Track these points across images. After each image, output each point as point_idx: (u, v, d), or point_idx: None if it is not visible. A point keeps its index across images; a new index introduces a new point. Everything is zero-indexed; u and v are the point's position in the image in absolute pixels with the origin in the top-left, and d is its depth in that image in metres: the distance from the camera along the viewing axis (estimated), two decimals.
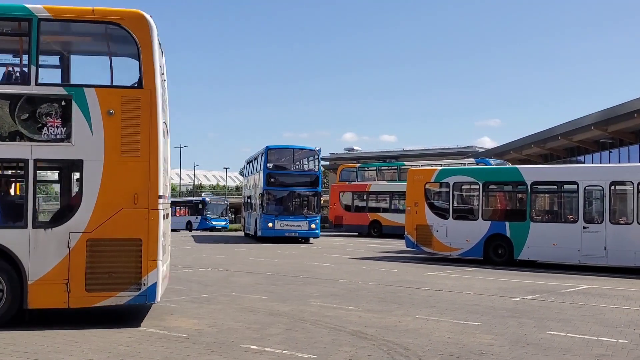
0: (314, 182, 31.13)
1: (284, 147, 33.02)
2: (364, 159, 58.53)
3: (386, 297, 12.65)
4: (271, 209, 30.71)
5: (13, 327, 8.89)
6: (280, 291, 13.25)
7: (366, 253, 24.72)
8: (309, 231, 30.90)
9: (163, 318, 9.90)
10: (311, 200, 31.32)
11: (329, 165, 72.39)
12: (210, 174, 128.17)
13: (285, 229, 30.49)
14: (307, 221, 30.72)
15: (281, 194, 31.15)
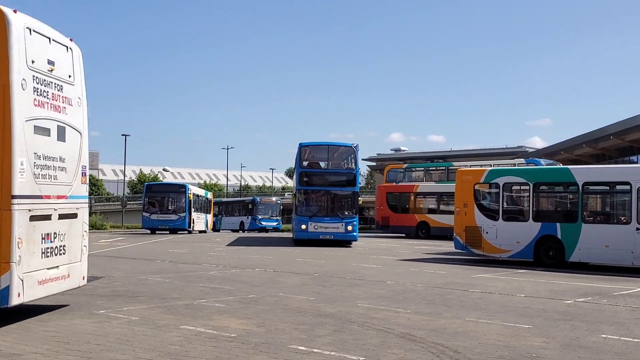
0: (350, 181, 29.39)
1: (318, 144, 31.08)
2: (411, 160, 58.13)
3: (435, 300, 12.57)
4: (305, 210, 29.37)
5: (65, 324, 9.13)
6: (327, 292, 13.28)
7: (414, 255, 24.59)
8: (345, 234, 28.95)
9: (212, 318, 10.03)
10: (348, 201, 29.53)
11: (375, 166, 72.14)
12: (256, 174, 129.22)
13: (320, 232, 28.88)
14: (344, 223, 28.90)
15: (315, 193, 29.78)
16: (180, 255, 23.10)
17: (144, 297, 12.12)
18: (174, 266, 18.61)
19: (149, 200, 43.88)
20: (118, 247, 27.51)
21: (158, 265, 19.00)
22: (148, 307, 10.91)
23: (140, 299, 11.96)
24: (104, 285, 13.84)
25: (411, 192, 39.72)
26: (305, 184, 29.41)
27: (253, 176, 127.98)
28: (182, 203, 43.40)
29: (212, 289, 13.57)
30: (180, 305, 11.18)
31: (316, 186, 29.62)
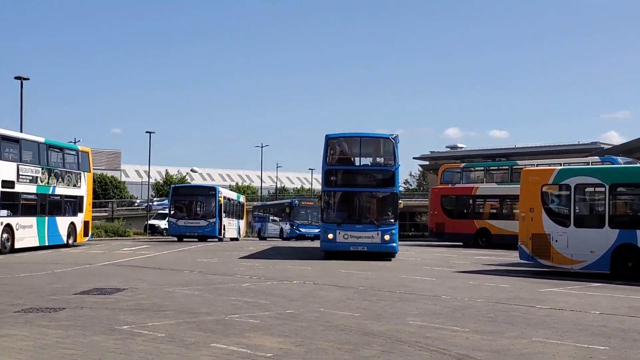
0: (388, 181, 26.62)
1: (349, 136, 28.23)
2: (470, 158, 57.74)
3: (497, 317, 12.47)
4: (332, 215, 26.93)
5: (84, 340, 9.30)
6: (374, 308, 13.27)
7: (472, 266, 24.42)
8: (381, 244, 26.19)
9: (245, 335, 10.11)
10: (386, 204, 26.95)
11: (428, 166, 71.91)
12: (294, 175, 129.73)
13: (350, 242, 26.23)
14: (379, 231, 25.99)
15: (345, 196, 27.34)
16: (209, 265, 23.33)
17: (171, 312, 12.28)
18: (203, 277, 18.81)
19: (176, 205, 44.29)
20: (142, 256, 27.92)
21: (186, 276, 19.22)
22: (175, 323, 11.05)
23: (166, 313, 12.12)
24: (126, 298, 14.07)
25: (469, 195, 39.46)
26: (332, 185, 27.11)
27: (290, 177, 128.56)
28: (211, 207, 43.72)
29: (245, 303, 13.68)
30: (210, 321, 11.30)
31: (346, 187, 27.25)
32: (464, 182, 40.97)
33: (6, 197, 27.78)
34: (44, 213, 31.23)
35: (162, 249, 33.21)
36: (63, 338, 9.69)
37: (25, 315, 11.69)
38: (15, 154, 28.91)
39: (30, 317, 11.49)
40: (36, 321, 11.10)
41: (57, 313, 12.00)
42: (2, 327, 10.51)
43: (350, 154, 28.64)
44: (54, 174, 32.11)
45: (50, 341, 9.47)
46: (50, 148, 32.49)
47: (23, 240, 29.07)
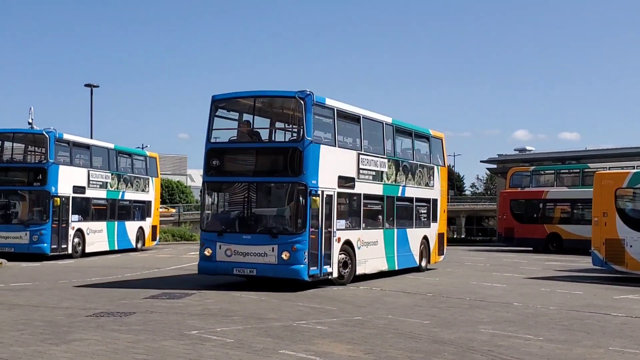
0: (292, 164, 17.01)
1: (240, 96, 18.76)
2: (539, 161, 56.62)
3: (571, 325, 12.19)
4: (212, 221, 18.15)
5: (155, 345, 9.43)
6: (444, 315, 13.12)
7: (544, 272, 23.98)
8: (278, 266, 16.69)
9: (314, 342, 10.10)
10: (286, 201, 17.54)
11: (496, 169, 70.95)
12: None
13: (234, 261, 17.05)
14: (276, 245, 16.65)
15: (231, 190, 18.25)
16: None
17: (239, 317, 12.37)
18: (270, 282, 18.85)
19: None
20: None
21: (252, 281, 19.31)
22: (243, 328, 11.12)
23: (234, 318, 12.22)
24: (195, 303, 14.23)
25: (539, 199, 38.73)
26: (214, 172, 18.04)
27: None
28: None
29: (311, 309, 13.69)
30: (278, 327, 11.33)
31: (232, 175, 18.13)
32: (533, 186, 40.24)
33: (77, 202, 28.44)
34: (114, 218, 31.85)
35: None
36: (134, 343, 9.85)
37: (97, 320, 11.93)
38: (86, 160, 29.62)
39: (101, 322, 11.71)
40: (107, 325, 11.31)
41: (127, 317, 12.20)
42: (74, 331, 10.75)
43: (244, 124, 18.88)
44: (123, 179, 32.74)
45: (121, 346, 9.63)
46: (120, 154, 33.14)
47: (94, 245, 29.68)
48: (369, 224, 20.00)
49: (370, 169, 19.62)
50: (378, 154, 20.29)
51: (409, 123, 23.12)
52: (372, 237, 19.83)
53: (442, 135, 25.67)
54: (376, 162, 20.03)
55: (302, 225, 16.61)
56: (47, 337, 10.17)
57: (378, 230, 20.42)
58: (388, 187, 20.72)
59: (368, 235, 19.59)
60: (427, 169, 23.63)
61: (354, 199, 19.24)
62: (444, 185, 25.39)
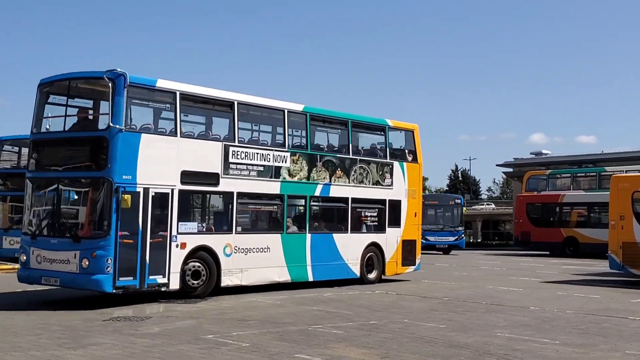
0: (96, 155, 14.77)
1: (59, 79, 15.97)
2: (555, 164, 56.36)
3: (588, 329, 12.15)
4: (28, 224, 15.65)
5: (171, 349, 9.49)
6: (460, 319, 13.11)
7: (560, 276, 23.89)
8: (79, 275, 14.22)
9: (329, 346, 10.12)
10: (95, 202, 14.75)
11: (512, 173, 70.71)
12: None
13: (43, 269, 14.80)
14: (78, 252, 14.25)
15: (44, 187, 15.61)
16: None
17: (254, 321, 12.41)
18: (286, 287, 18.89)
19: None
20: None
21: (268, 286, 19.33)
22: (259, 333, 11.16)
23: (250, 323, 12.26)
24: (211, 307, 14.30)
25: (556, 203, 38.60)
26: (33, 168, 15.82)
27: None
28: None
29: (327, 313, 13.72)
30: (293, 331, 11.36)
31: (46, 170, 15.68)
32: (549, 190, 40.12)
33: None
34: None
35: None
36: (150, 347, 9.91)
37: (114, 324, 12.01)
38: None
39: (118, 326, 11.79)
40: (124, 330, 11.38)
41: (144, 322, 12.28)
42: (91, 335, 10.83)
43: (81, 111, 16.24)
44: None
45: (138, 350, 9.70)
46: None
47: None
48: (253, 227, 18.06)
49: (251, 163, 17.01)
50: (276, 146, 17.95)
51: (347, 112, 20.28)
52: (257, 243, 17.18)
53: (415, 126, 22.04)
54: (265, 155, 17.40)
55: (107, 228, 14.03)
56: (64, 342, 10.25)
57: (271, 234, 17.78)
58: (293, 185, 17.99)
59: (249, 241, 17.00)
60: (379, 165, 20.48)
61: (221, 198, 16.99)
62: (415, 185, 21.66)
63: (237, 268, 16.62)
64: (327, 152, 19.41)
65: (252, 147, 17.22)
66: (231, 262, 16.46)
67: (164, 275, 14.96)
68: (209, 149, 16.35)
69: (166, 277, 14.97)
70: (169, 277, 15.02)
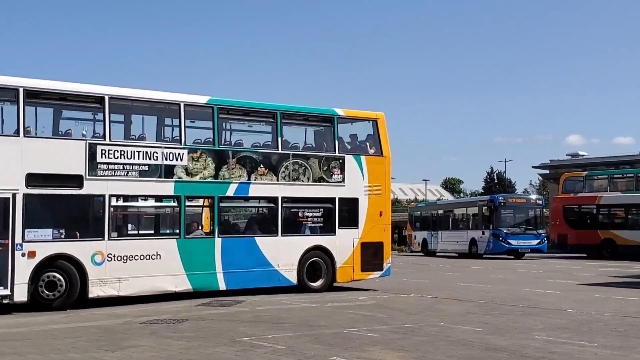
0: None
1: None
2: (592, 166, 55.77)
3: (627, 331, 11.99)
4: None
5: (207, 351, 9.58)
6: (496, 322, 13.03)
7: (598, 278, 23.60)
8: None
9: (364, 349, 10.13)
10: None
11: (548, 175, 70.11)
12: (406, 187, 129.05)
13: None
14: None
15: None
16: None
17: (289, 324, 12.47)
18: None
19: None
20: None
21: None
22: (294, 335, 11.21)
23: (285, 325, 12.31)
24: (245, 310, 14.40)
25: (593, 205, 38.18)
26: None
27: (403, 189, 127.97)
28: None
29: (362, 316, 13.72)
30: (328, 334, 11.39)
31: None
32: (586, 191, 39.68)
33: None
34: None
35: None
36: (186, 349, 10.01)
37: (151, 327, 12.15)
38: None
39: (155, 329, 11.93)
40: (161, 332, 11.52)
41: (180, 324, 12.41)
42: (129, 338, 10.97)
43: None
44: None
45: (174, 352, 9.80)
46: None
47: None
48: (136, 232, 16.87)
49: (129, 162, 15.64)
50: (170, 142, 16.69)
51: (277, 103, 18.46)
52: (142, 250, 15.79)
53: (379, 115, 19.66)
54: (151, 153, 15.98)
55: None
56: (102, 344, 10.40)
57: (163, 240, 16.47)
58: (193, 185, 16.51)
59: (130, 247, 15.65)
60: (323, 160, 18.48)
61: (88, 202, 15.49)
62: (379, 180, 19.37)
63: (113, 277, 15.20)
64: (244, 148, 17.59)
65: (130, 145, 15.82)
66: (103, 271, 15.07)
67: (5, 286, 14.03)
68: (67, 149, 15.00)
69: (8, 288, 13.99)
70: (13, 289, 14.01)
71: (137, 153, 15.73)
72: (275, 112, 17.86)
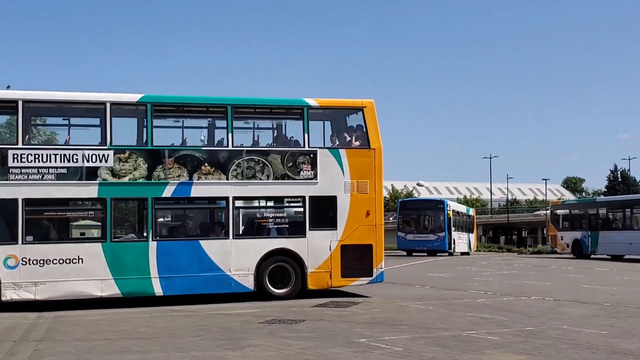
0: None
1: None
2: None
3: None
4: None
5: (325, 352, 9.68)
6: (622, 325, 12.57)
7: None
8: None
9: (485, 352, 9.99)
10: None
11: None
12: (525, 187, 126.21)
13: None
14: None
15: None
16: (441, 280, 23.35)
17: (406, 326, 12.43)
18: (436, 292, 18.83)
19: (404, 219, 44.92)
20: None
21: (418, 290, 19.36)
22: (411, 338, 11.17)
23: (402, 327, 12.29)
24: (362, 312, 14.45)
25: None
26: None
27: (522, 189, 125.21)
28: (440, 221, 43.81)
29: (481, 319, 13.52)
30: (447, 337, 11.29)
31: None
32: None
33: None
34: None
35: (392, 263, 33.64)
36: (304, 349, 10.15)
37: (269, 327, 12.39)
38: None
39: (273, 328, 12.16)
40: (279, 332, 11.73)
41: (297, 325, 12.59)
42: (248, 337, 11.23)
43: None
44: None
45: (293, 352, 9.96)
46: None
47: None
48: (54, 236, 16.04)
49: (45, 166, 15.45)
50: (94, 144, 16.02)
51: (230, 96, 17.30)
52: (61, 253, 15.48)
53: (368, 102, 17.64)
54: (70, 155, 15.68)
55: None
56: (222, 343, 10.69)
57: (86, 243, 16.09)
58: (121, 186, 15.90)
59: (47, 251, 15.42)
60: (287, 155, 17.07)
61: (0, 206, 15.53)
62: (366, 175, 17.35)
63: (28, 281, 15.16)
64: (182, 147, 16.80)
65: (45, 148, 15.99)
66: (18, 275, 15.09)
67: None
68: None
69: None
70: None
71: (53, 156, 15.56)
72: (226, 106, 16.84)
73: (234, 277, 16.38)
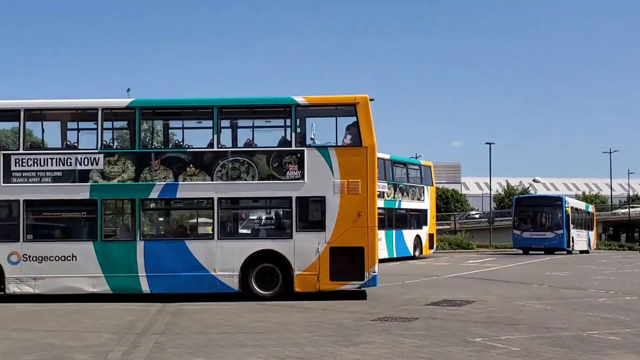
0: None
1: None
2: None
3: None
4: None
5: (440, 351, 9.59)
6: None
7: None
8: None
9: (607, 353, 9.69)
10: None
11: None
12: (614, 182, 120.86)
13: None
14: None
15: None
16: (560, 278, 22.76)
17: (524, 326, 12.17)
18: (554, 291, 18.37)
19: (520, 216, 44.01)
20: (488, 268, 28.02)
21: (535, 290, 18.93)
22: (529, 337, 10.94)
23: (519, 327, 12.04)
24: (477, 311, 14.25)
25: None
26: None
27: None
28: (558, 218, 42.69)
29: (602, 318, 13.11)
30: (566, 337, 10.99)
31: None
32: None
33: None
34: (392, 226, 32.83)
35: (508, 261, 33.08)
36: (418, 347, 10.10)
37: (382, 324, 12.40)
38: None
39: (386, 326, 12.16)
40: (392, 330, 11.71)
41: (410, 323, 12.54)
42: (362, 334, 11.27)
43: None
44: (399, 188, 33.66)
45: (407, 350, 9.93)
46: (395, 164, 34.11)
47: None
48: (51, 235, 16.92)
49: (43, 169, 16.39)
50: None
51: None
52: (57, 251, 16.31)
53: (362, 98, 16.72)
54: (64, 159, 16.55)
55: None
56: (336, 339, 10.77)
57: (79, 242, 16.57)
58: (111, 188, 16.41)
59: (45, 249, 16.34)
60: (273, 155, 16.62)
61: (4, 207, 16.82)
62: (357, 175, 16.45)
63: (29, 276, 16.20)
64: (167, 149, 17.16)
65: (42, 153, 16.65)
66: (19, 270, 16.23)
67: None
68: None
69: None
70: None
71: (49, 160, 16.49)
72: (212, 108, 16.78)
73: (219, 277, 16.35)
